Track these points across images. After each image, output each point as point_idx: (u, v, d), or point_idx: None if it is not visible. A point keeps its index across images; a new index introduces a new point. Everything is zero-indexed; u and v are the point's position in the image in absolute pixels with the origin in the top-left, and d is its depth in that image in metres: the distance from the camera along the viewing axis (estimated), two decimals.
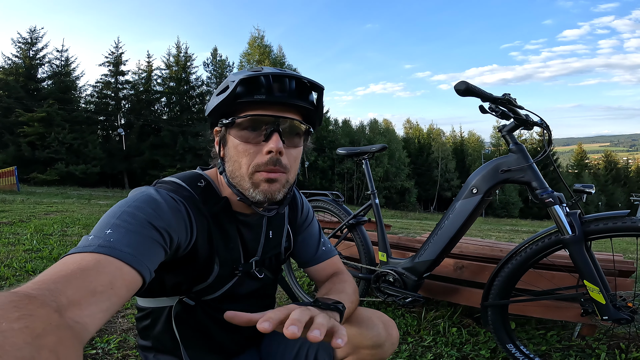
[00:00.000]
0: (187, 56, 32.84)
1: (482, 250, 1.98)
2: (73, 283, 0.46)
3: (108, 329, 1.71)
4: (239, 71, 0.75)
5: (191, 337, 0.84)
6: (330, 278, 0.96)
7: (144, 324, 0.86)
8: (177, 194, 0.73)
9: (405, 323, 1.91)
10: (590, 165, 57.92)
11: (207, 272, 0.78)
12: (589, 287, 1.26)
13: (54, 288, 0.44)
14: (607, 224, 1.23)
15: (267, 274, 0.91)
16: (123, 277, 0.53)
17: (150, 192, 0.70)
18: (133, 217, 0.61)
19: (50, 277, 0.46)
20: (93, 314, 0.46)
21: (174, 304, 0.80)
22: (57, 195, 12.75)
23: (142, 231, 0.60)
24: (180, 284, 0.78)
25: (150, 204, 0.66)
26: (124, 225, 0.59)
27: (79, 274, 0.48)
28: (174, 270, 0.74)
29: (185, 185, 0.76)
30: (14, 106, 25.61)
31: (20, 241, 3.48)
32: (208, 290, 0.80)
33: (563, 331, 1.83)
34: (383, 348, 0.87)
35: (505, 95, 1.37)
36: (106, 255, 0.53)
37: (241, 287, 0.86)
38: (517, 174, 1.41)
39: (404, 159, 40.00)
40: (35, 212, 6.07)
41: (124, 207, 0.64)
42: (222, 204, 0.78)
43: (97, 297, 0.47)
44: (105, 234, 0.57)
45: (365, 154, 2.02)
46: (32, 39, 28.24)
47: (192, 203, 0.74)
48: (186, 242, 0.71)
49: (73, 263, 0.50)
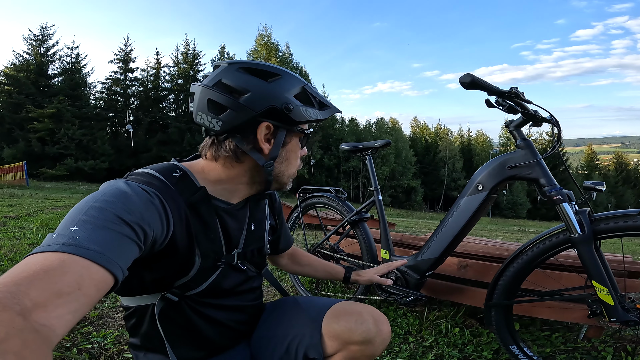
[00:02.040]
0: (195, 53, 33.03)
1: (487, 249, 1.94)
2: (36, 284, 0.44)
3: (105, 324, 1.70)
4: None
5: (177, 334, 0.81)
6: (294, 254, 1.21)
7: (131, 323, 0.84)
8: (150, 185, 0.69)
9: (407, 322, 1.87)
10: (600, 167, 57.07)
11: (189, 265, 0.75)
12: (598, 287, 1.21)
13: (15, 290, 0.41)
14: (617, 223, 1.19)
15: (250, 268, 0.90)
16: (91, 276, 0.50)
17: (120, 184, 0.66)
18: (101, 212, 0.57)
19: (11, 279, 0.44)
20: (60, 315, 0.43)
21: (156, 301, 0.77)
22: (66, 191, 12.90)
23: (112, 227, 0.56)
24: (161, 280, 0.75)
25: (120, 197, 0.62)
26: (91, 221, 0.55)
27: (42, 275, 0.45)
28: (153, 266, 0.71)
29: (160, 175, 0.73)
30: (24, 102, 25.94)
31: (25, 235, 3.51)
32: (190, 285, 0.77)
33: (568, 333, 1.78)
34: (373, 344, 0.85)
35: (513, 89, 1.33)
36: (71, 254, 0.50)
37: (225, 279, 0.83)
38: (525, 171, 1.36)
39: (411, 158, 39.79)
40: (43, 207, 6.13)
41: (91, 201, 0.59)
42: (200, 194, 0.75)
43: (64, 299, 0.45)
44: (70, 232, 0.53)
45: (368, 149, 1.98)
46: (44, 35, 28.56)
47: (166, 194, 0.70)
48: (162, 236, 0.68)
49: (35, 264, 0.47)
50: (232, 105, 0.74)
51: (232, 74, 0.76)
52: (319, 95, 0.83)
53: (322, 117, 0.83)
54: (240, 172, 0.81)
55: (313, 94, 0.82)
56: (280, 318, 0.96)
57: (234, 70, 0.76)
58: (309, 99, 0.81)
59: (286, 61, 33.17)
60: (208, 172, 0.80)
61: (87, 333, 1.59)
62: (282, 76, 0.78)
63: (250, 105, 0.74)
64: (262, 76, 0.76)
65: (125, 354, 1.45)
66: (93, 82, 32.78)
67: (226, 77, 0.76)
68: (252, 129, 0.76)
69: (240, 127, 0.75)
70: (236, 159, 0.78)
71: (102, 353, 1.44)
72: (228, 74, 0.76)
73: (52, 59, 28.92)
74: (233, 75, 0.76)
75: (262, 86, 0.75)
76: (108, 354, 1.44)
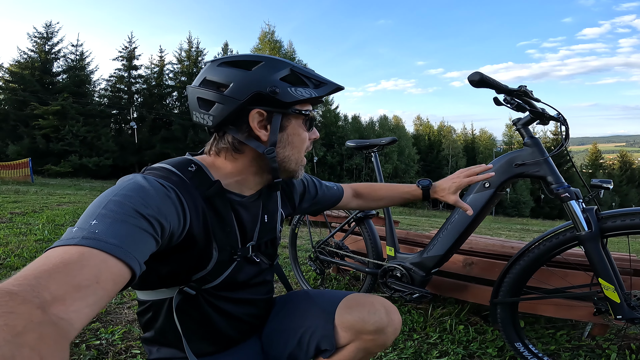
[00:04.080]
0: (199, 51, 33.15)
1: (492, 247, 1.94)
2: (56, 278, 0.44)
3: (113, 320, 1.72)
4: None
5: (193, 328, 0.83)
6: (377, 192, 1.28)
7: (146, 318, 0.84)
8: (167, 179, 0.70)
9: (412, 319, 1.88)
10: (604, 165, 56.71)
11: (206, 259, 0.76)
12: (604, 285, 1.21)
13: (35, 283, 0.42)
14: (624, 221, 1.19)
15: (264, 260, 0.91)
16: (109, 270, 0.50)
17: (138, 179, 0.66)
18: (120, 206, 0.58)
19: (32, 272, 0.44)
20: (79, 309, 0.44)
21: (174, 294, 0.78)
22: (70, 187, 12.98)
23: (130, 220, 0.57)
24: (178, 274, 0.76)
25: (138, 191, 0.62)
26: (110, 215, 0.56)
27: (62, 268, 0.46)
28: (171, 260, 0.72)
29: (176, 170, 0.74)
30: (29, 99, 26.13)
31: (32, 231, 3.55)
32: (208, 278, 0.78)
33: (573, 331, 1.78)
34: (385, 333, 0.87)
35: (522, 87, 1.32)
36: (90, 247, 0.50)
37: (240, 273, 0.84)
38: (532, 168, 1.36)
39: (414, 155, 39.73)
40: (48, 203, 6.18)
41: (110, 195, 0.60)
42: (216, 187, 0.76)
43: (82, 292, 0.45)
44: (90, 225, 0.54)
45: (374, 146, 1.98)
46: (48, 33, 28.77)
47: (183, 188, 0.71)
48: (180, 229, 0.68)
49: (56, 257, 0.48)
50: (219, 99, 0.76)
51: (215, 70, 0.78)
52: (312, 74, 0.82)
53: (319, 94, 0.81)
54: (245, 164, 0.81)
55: (304, 73, 0.80)
56: (292, 311, 0.97)
57: (216, 66, 0.79)
58: (299, 80, 0.80)
59: (290, 59, 32.92)
60: (218, 167, 0.81)
61: (95, 329, 1.61)
62: (265, 62, 0.78)
63: (234, 95, 0.75)
64: (244, 66, 0.77)
65: (132, 350, 1.47)
66: (97, 79, 33.28)
67: (210, 74, 0.79)
68: (244, 118, 0.77)
69: (230, 118, 0.77)
70: (235, 150, 0.79)
71: (110, 349, 1.46)
72: (211, 71, 0.79)
73: (56, 57, 29.12)
74: (216, 71, 0.78)
75: (244, 75, 0.76)
76: (116, 350, 1.46)
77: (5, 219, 4.23)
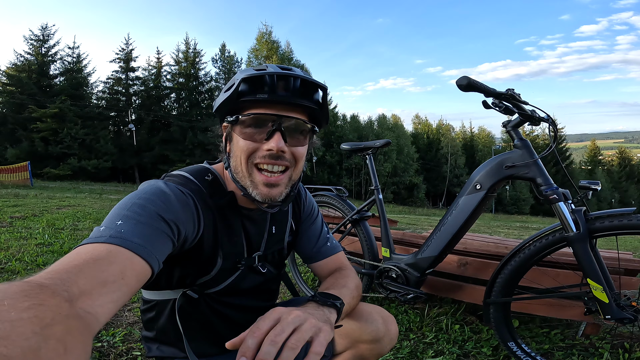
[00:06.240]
0: (196, 52, 33.06)
1: (486, 247, 1.96)
2: (85, 273, 0.47)
3: (114, 323, 1.75)
4: (246, 69, 0.76)
5: (194, 330, 0.85)
6: (333, 273, 0.96)
7: (149, 316, 0.87)
8: (186, 187, 0.74)
9: (408, 319, 1.90)
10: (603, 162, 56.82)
11: (211, 265, 0.79)
12: (593, 285, 1.24)
13: (66, 278, 0.44)
14: (612, 222, 1.21)
15: (270, 269, 0.92)
16: (133, 267, 0.54)
17: (160, 185, 0.71)
18: (143, 209, 0.62)
19: (63, 266, 0.47)
20: (104, 304, 0.46)
21: (178, 296, 0.81)
22: (70, 190, 12.97)
23: (152, 223, 0.61)
24: (185, 277, 0.79)
25: (160, 196, 0.67)
26: (134, 217, 0.60)
27: (92, 264, 0.49)
28: (180, 263, 0.76)
29: (194, 178, 0.78)
30: (27, 102, 26.07)
31: (32, 235, 3.56)
32: (211, 284, 0.81)
33: (567, 330, 1.81)
34: (382, 343, 0.88)
35: (509, 91, 1.35)
36: (117, 245, 0.54)
37: (244, 281, 0.87)
38: (522, 170, 1.39)
39: (413, 154, 39.74)
40: (48, 207, 6.19)
41: (134, 199, 0.65)
42: (228, 198, 0.79)
43: (108, 287, 0.48)
44: (117, 225, 0.58)
45: (369, 149, 2.01)
46: (44, 36, 28.70)
47: (199, 196, 0.75)
48: (193, 235, 0.72)
49: (85, 253, 0.51)
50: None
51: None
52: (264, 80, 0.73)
53: (224, 96, 0.75)
54: None
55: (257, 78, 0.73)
56: None
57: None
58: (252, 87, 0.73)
59: (287, 59, 33.12)
60: (228, 177, 0.83)
61: None
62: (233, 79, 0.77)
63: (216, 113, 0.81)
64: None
65: (133, 352, 1.49)
66: (95, 81, 33.19)
67: None
68: (222, 133, 0.83)
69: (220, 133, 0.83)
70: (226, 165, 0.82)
71: (111, 351, 1.48)
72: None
73: (53, 59, 29.05)
74: None
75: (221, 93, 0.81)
76: (117, 352, 1.48)
77: (5, 223, 4.24)
